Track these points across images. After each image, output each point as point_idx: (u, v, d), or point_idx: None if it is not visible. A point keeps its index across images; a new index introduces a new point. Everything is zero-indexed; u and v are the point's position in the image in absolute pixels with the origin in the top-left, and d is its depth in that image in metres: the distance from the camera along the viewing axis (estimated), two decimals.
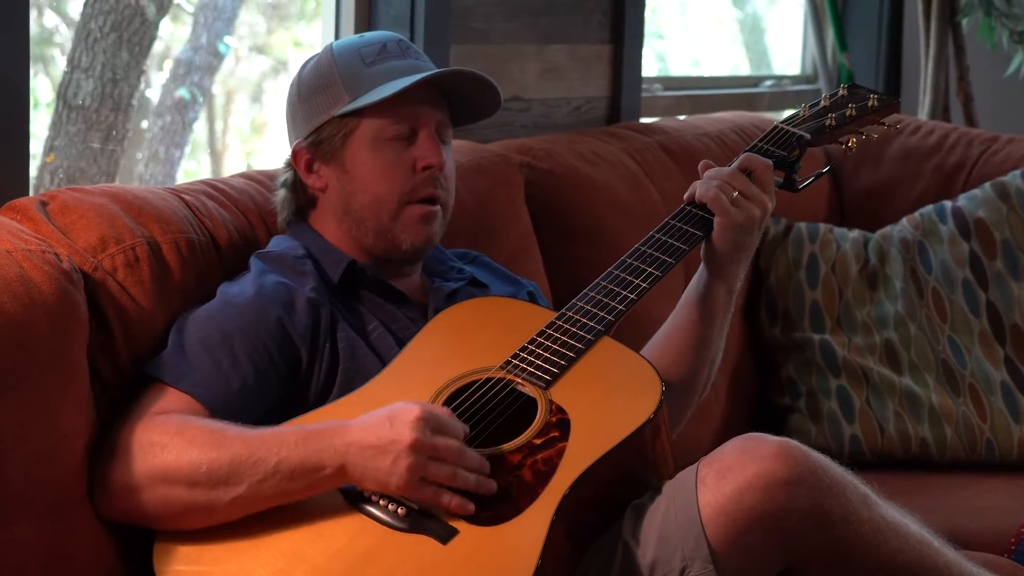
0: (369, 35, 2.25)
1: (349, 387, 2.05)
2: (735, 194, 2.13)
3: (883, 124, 2.36)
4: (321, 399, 2.06)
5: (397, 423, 1.85)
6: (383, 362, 2.09)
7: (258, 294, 2.08)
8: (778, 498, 1.82)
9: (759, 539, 1.84)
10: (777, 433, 1.91)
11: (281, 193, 2.27)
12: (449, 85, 2.21)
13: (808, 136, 2.27)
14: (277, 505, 1.88)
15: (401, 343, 2.12)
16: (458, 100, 2.23)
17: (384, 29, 2.90)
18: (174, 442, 1.89)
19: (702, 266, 2.20)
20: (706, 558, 1.84)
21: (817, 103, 2.35)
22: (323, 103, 2.18)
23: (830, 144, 2.35)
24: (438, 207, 2.20)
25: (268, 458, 1.86)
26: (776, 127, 2.30)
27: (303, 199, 2.25)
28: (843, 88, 2.37)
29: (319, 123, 2.19)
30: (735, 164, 2.18)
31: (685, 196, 2.18)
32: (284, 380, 2.05)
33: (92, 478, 1.93)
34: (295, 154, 2.21)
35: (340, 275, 2.17)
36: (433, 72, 2.16)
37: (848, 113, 2.31)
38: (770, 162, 2.19)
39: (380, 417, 1.87)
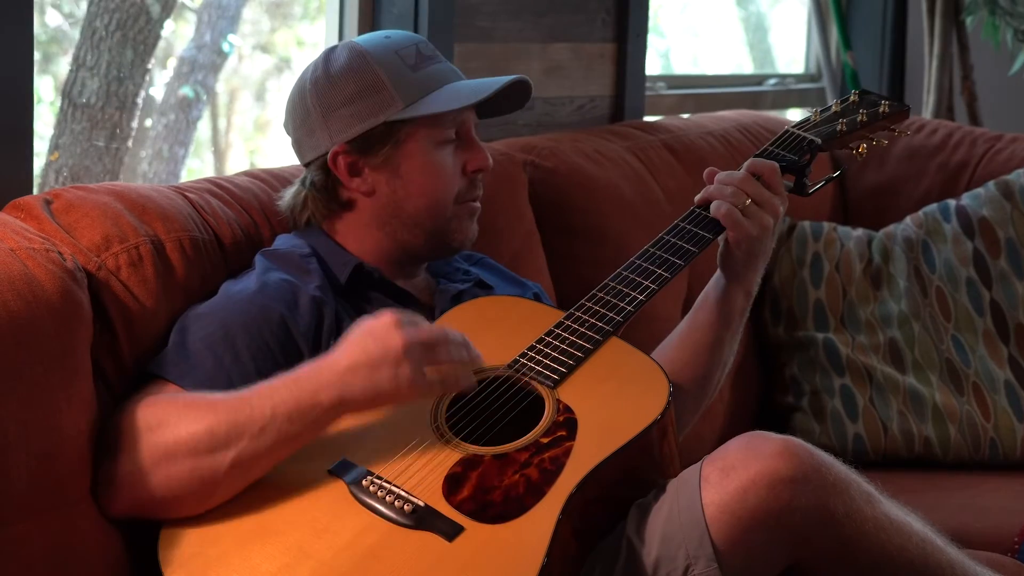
0: (395, 35, 2.23)
1: None
2: (747, 202, 2.13)
3: (893, 130, 2.37)
4: None
5: (378, 334, 1.86)
6: None
7: (261, 292, 2.08)
8: (782, 496, 1.82)
9: (763, 537, 1.84)
10: (781, 432, 1.91)
11: (304, 193, 2.23)
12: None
13: (819, 141, 2.27)
14: (281, 457, 1.88)
15: None
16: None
17: (388, 27, 2.90)
18: (168, 417, 1.90)
19: (718, 272, 2.21)
20: (710, 556, 1.84)
21: (828, 108, 2.35)
22: (371, 107, 2.15)
23: (840, 149, 2.35)
24: (479, 204, 2.25)
25: (263, 406, 1.87)
26: (787, 131, 2.30)
27: (336, 203, 2.22)
28: (854, 93, 2.37)
29: (367, 127, 2.16)
30: (743, 169, 2.18)
31: (697, 199, 2.18)
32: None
33: (96, 478, 1.93)
34: (334, 157, 2.18)
35: (347, 276, 2.17)
36: (508, 81, 2.18)
37: (859, 119, 2.31)
38: (776, 165, 2.19)
39: (358, 337, 1.88)
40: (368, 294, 2.19)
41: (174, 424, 1.89)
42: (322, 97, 2.19)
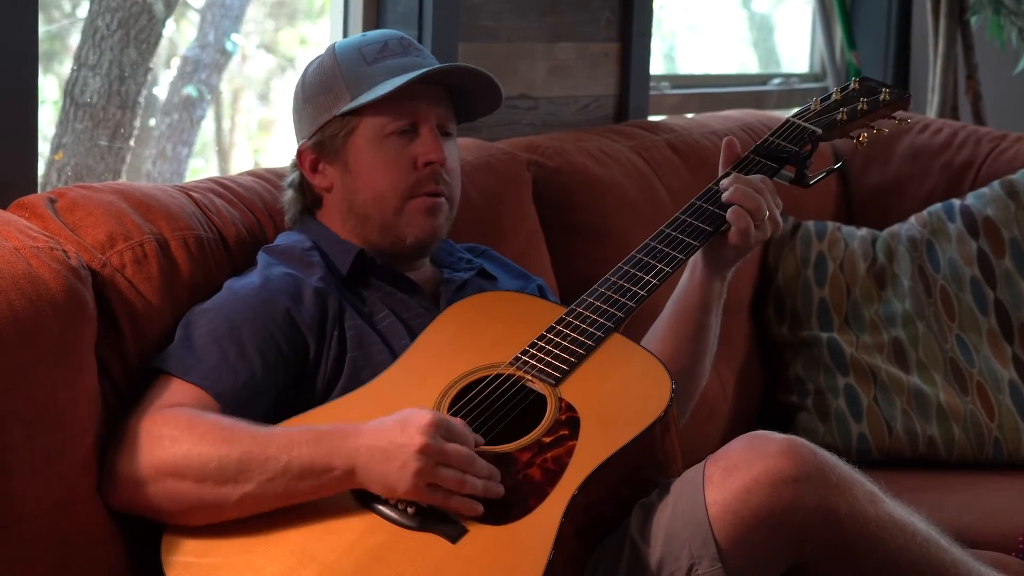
0: (371, 34, 2.26)
1: (356, 376, 2.06)
2: (767, 216, 2.14)
3: (894, 118, 2.35)
4: (329, 388, 2.07)
5: (408, 428, 1.84)
6: (392, 350, 2.10)
7: (265, 285, 2.09)
8: (785, 495, 1.82)
9: (766, 536, 1.84)
10: (784, 431, 1.91)
11: (288, 193, 2.28)
12: (453, 81, 2.21)
13: (819, 131, 2.26)
14: (285, 505, 1.88)
15: (412, 331, 2.13)
16: (463, 96, 2.24)
17: (392, 27, 2.90)
18: (184, 436, 1.89)
19: (698, 260, 2.22)
20: (713, 556, 1.84)
21: (828, 97, 2.34)
22: (326, 103, 2.20)
23: (841, 138, 2.34)
24: (443, 199, 2.21)
25: (279, 456, 1.86)
26: (787, 121, 2.29)
27: (309, 199, 2.26)
28: (854, 81, 2.36)
29: (322, 123, 2.20)
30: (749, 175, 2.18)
31: (724, 196, 2.16)
32: (292, 370, 2.06)
33: (100, 468, 1.93)
34: (300, 155, 2.23)
35: (349, 265, 2.17)
36: (427, 69, 2.16)
37: (860, 107, 2.30)
38: (770, 183, 2.19)
39: (392, 422, 1.87)
40: (370, 281, 2.19)
41: (187, 444, 1.88)
42: (296, 98, 2.26)
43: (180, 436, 1.89)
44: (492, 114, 2.30)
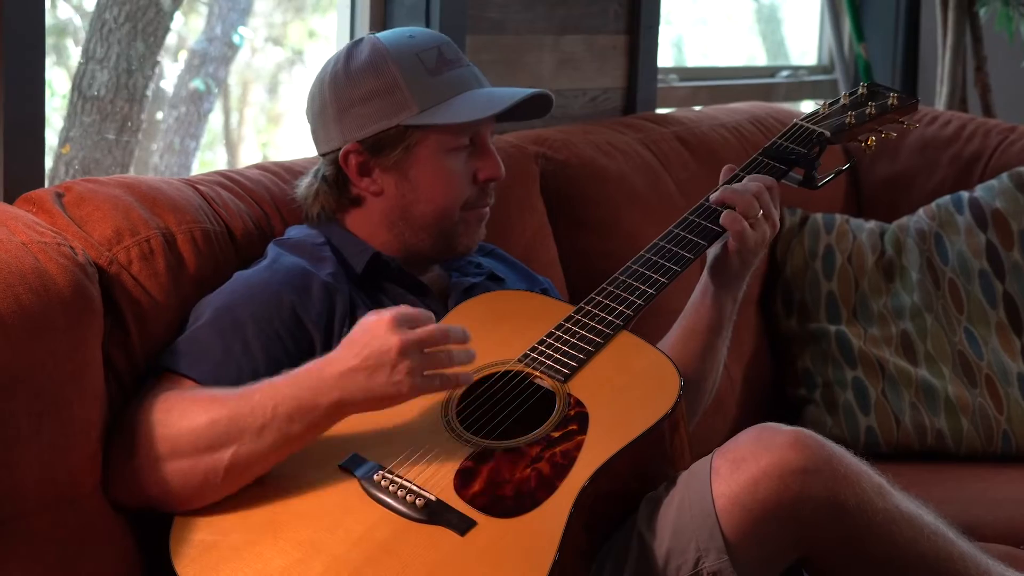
0: (419, 35, 2.21)
1: None
2: (759, 214, 2.13)
3: (902, 123, 2.38)
4: None
5: (375, 335, 1.85)
6: None
7: (271, 279, 2.08)
8: (793, 487, 1.82)
9: (773, 529, 1.84)
10: (792, 424, 1.91)
11: (316, 185, 2.23)
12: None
13: (828, 134, 2.28)
14: (284, 456, 1.88)
15: None
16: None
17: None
18: (171, 414, 1.90)
19: (706, 279, 2.22)
20: (720, 548, 1.84)
21: (837, 100, 2.37)
22: (386, 109, 2.15)
23: (849, 142, 2.36)
24: (488, 209, 2.24)
25: (264, 404, 1.87)
26: (796, 124, 2.31)
27: (346, 199, 2.22)
28: (863, 86, 2.39)
29: (380, 128, 2.15)
30: (755, 182, 2.17)
31: (712, 199, 2.17)
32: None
33: (105, 468, 1.94)
34: (346, 155, 2.17)
35: (364, 265, 2.16)
36: (525, 95, 2.16)
37: (868, 111, 2.31)
38: (774, 181, 2.20)
39: (354, 338, 1.87)
40: (384, 284, 2.19)
41: (177, 420, 1.89)
42: (339, 92, 2.18)
43: (165, 417, 1.90)
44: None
